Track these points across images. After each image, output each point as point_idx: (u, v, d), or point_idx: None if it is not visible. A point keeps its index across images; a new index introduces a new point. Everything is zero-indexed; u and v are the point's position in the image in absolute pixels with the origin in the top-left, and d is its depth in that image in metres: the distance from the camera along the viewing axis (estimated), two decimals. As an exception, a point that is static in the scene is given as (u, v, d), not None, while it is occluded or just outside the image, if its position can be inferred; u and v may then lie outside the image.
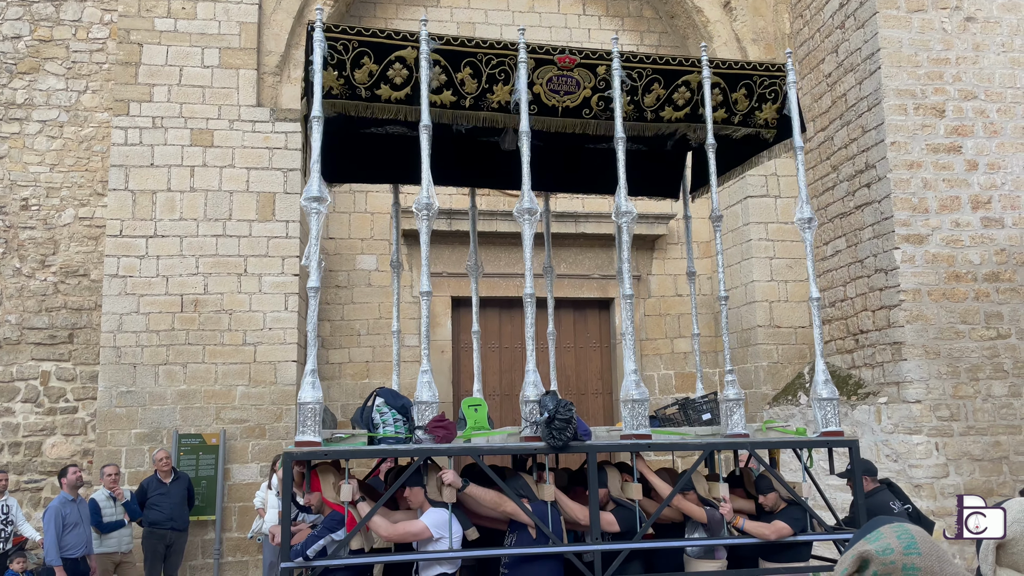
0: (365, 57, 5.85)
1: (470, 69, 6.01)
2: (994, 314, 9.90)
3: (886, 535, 1.76)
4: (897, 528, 1.77)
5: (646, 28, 13.31)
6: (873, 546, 1.75)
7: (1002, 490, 9.55)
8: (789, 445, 6.34)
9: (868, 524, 1.89)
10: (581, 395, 12.68)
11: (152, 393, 10.32)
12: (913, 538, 1.73)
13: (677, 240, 13.03)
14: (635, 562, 5.60)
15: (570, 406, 5.28)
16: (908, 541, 1.72)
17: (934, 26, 10.36)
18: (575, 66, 6.21)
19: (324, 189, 5.57)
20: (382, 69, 5.88)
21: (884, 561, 1.71)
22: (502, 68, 6.05)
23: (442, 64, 5.95)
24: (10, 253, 11.35)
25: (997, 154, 10.20)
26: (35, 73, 11.74)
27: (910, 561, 1.69)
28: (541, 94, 6.19)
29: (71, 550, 8.55)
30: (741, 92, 6.62)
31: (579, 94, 6.25)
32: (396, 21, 12.55)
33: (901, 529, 1.76)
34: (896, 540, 1.73)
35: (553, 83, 6.20)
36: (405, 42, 5.90)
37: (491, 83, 6.06)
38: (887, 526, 1.79)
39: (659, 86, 6.40)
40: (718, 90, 6.53)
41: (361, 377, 11.94)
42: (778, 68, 6.66)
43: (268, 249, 10.81)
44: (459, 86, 6.03)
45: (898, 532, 1.75)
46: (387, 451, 5.45)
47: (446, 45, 5.96)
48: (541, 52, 6.17)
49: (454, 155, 7.63)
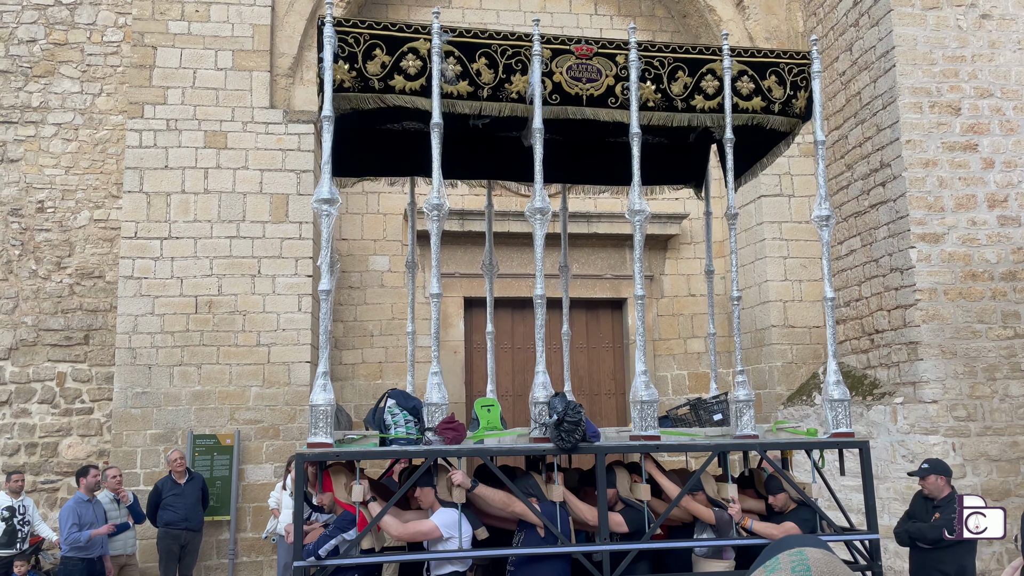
0: (377, 49, 5.76)
1: (485, 60, 5.89)
2: (1011, 313, 9.82)
3: (782, 564, 1.62)
4: (794, 556, 1.63)
5: (658, 27, 13.28)
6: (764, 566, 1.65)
7: (1019, 491, 9.47)
8: (799, 446, 6.31)
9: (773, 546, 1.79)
10: (594, 395, 12.66)
11: (167, 394, 10.38)
12: (808, 569, 1.58)
13: (690, 240, 12.99)
14: (643, 563, 5.59)
15: (579, 408, 5.28)
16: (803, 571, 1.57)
17: (949, 23, 10.28)
18: (593, 55, 6.07)
19: (335, 190, 5.57)
20: (395, 60, 5.78)
21: None
22: (518, 59, 5.92)
23: (456, 55, 5.84)
24: (26, 255, 11.44)
25: (1014, 152, 10.11)
26: (50, 76, 11.83)
27: None
28: (563, 83, 6.01)
29: (87, 551, 8.60)
30: (772, 79, 6.39)
31: (602, 82, 6.06)
32: (413, 14, 12.57)
33: (798, 558, 1.62)
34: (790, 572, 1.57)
35: (573, 71, 6.02)
36: (417, 34, 5.81)
37: (508, 73, 5.92)
38: (785, 553, 1.66)
39: (684, 74, 6.20)
40: (747, 77, 6.32)
41: (374, 378, 11.96)
42: (803, 56, 6.51)
43: (281, 250, 10.85)
44: (475, 76, 5.89)
45: (794, 562, 1.61)
46: (397, 452, 5.46)
47: (459, 37, 5.88)
48: (557, 42, 6.02)
49: (473, 148, 7.54)
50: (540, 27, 6.12)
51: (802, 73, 6.45)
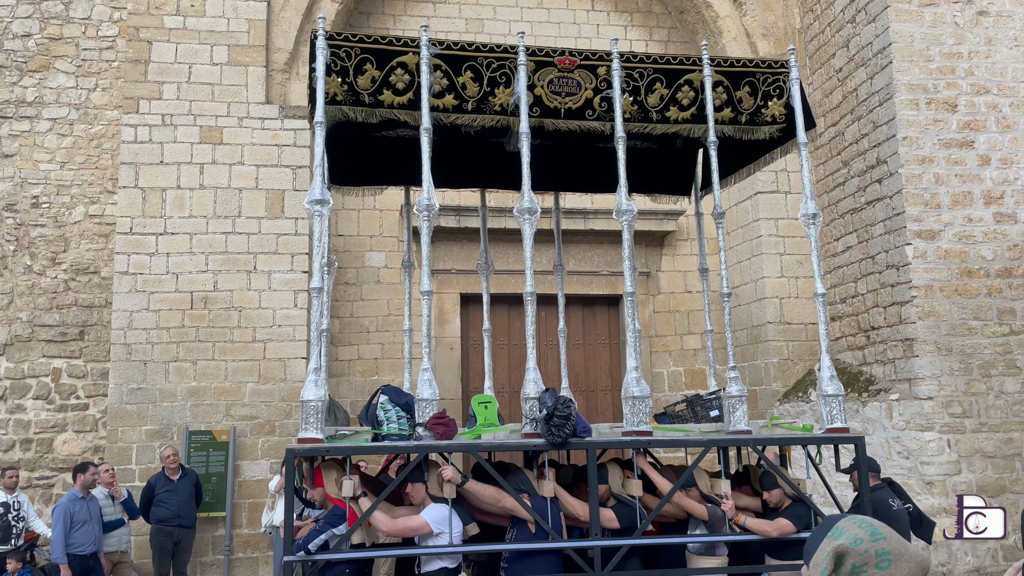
0: (367, 64, 5.98)
1: (471, 73, 6.12)
2: (1007, 310, 9.81)
3: (849, 528, 1.81)
4: (855, 520, 1.83)
5: (655, 24, 13.25)
6: (843, 540, 1.79)
7: (1015, 487, 9.47)
8: (792, 442, 6.31)
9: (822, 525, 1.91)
10: (590, 392, 12.65)
11: (162, 390, 10.36)
12: (874, 525, 1.79)
13: (687, 236, 12.97)
14: (635, 559, 5.58)
15: (569, 403, 5.29)
16: (871, 529, 1.78)
17: (946, 20, 10.26)
18: (575, 67, 6.28)
19: (327, 192, 5.70)
20: (384, 75, 6.02)
21: (859, 552, 1.75)
22: (503, 71, 6.16)
23: (443, 69, 6.08)
24: (21, 251, 11.42)
25: (1010, 149, 10.09)
26: (45, 71, 11.80)
27: (880, 547, 1.76)
28: (543, 96, 6.26)
29: (80, 547, 8.56)
30: (745, 90, 6.61)
31: (580, 95, 6.31)
32: (404, 18, 12.55)
33: (860, 520, 1.82)
34: (861, 530, 1.78)
35: (554, 85, 6.27)
36: (406, 48, 6.04)
37: (492, 86, 6.16)
38: (844, 520, 1.83)
39: (662, 86, 6.43)
40: (721, 88, 6.53)
41: (370, 374, 11.95)
42: (781, 65, 6.64)
43: (277, 246, 10.84)
44: (461, 90, 6.13)
45: (859, 523, 1.81)
46: (387, 448, 5.48)
47: (447, 50, 6.09)
48: (541, 54, 6.27)
49: (463, 157, 7.69)
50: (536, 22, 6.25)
51: (776, 82, 6.59)
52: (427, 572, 5.31)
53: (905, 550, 1.78)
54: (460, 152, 7.62)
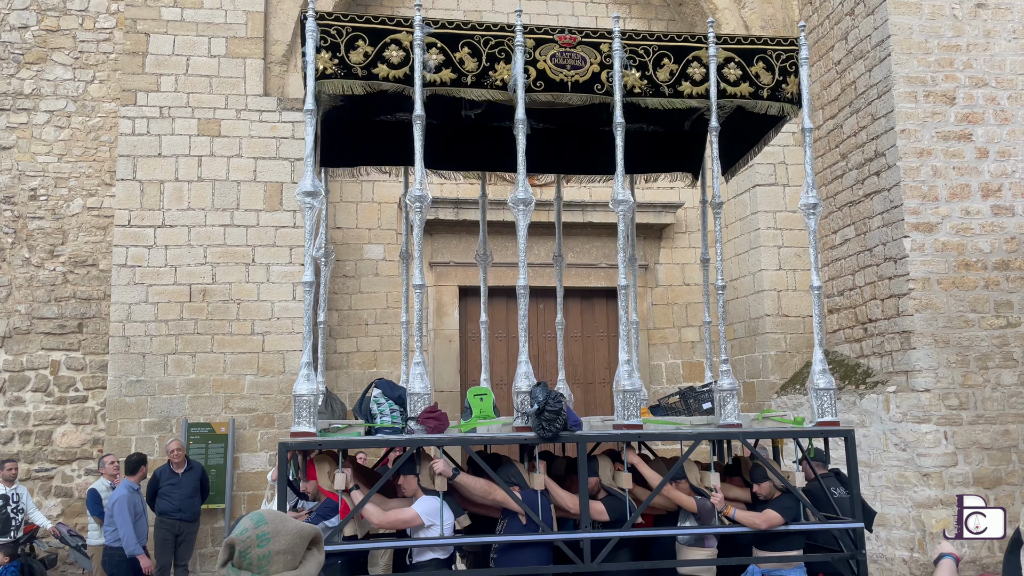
0: (360, 40, 5.82)
1: (468, 49, 5.92)
2: (1004, 302, 9.80)
3: (242, 522, 2.17)
4: (250, 515, 2.19)
5: (654, 15, 13.22)
6: (234, 533, 2.15)
7: (1011, 479, 9.48)
8: (781, 435, 6.32)
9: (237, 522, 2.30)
10: (588, 384, 12.67)
11: (161, 382, 10.39)
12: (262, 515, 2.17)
13: (685, 229, 12.97)
14: (625, 551, 5.60)
15: (560, 397, 5.30)
16: (258, 519, 2.15)
17: (945, 12, 10.22)
18: (577, 44, 6.08)
19: (318, 183, 5.64)
20: (378, 51, 5.83)
21: (243, 539, 2.12)
22: (501, 48, 5.95)
23: (439, 46, 5.88)
24: (19, 243, 11.44)
25: (1008, 141, 10.07)
26: (42, 63, 11.80)
27: (261, 531, 2.12)
28: (547, 69, 6.01)
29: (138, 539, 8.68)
30: (760, 66, 6.37)
31: (587, 68, 6.06)
32: (402, 9, 12.52)
33: (253, 514, 2.19)
34: (249, 522, 2.15)
35: (558, 58, 6.03)
36: (400, 27, 5.88)
37: (492, 61, 5.94)
38: (245, 517, 2.20)
39: (670, 61, 6.18)
40: (735, 64, 6.30)
41: (369, 366, 11.97)
42: (791, 42, 6.47)
43: (276, 239, 10.85)
44: (458, 64, 5.91)
45: (251, 517, 2.18)
46: (379, 441, 5.49)
47: (441, 29, 5.93)
48: (540, 32, 6.04)
49: (466, 140, 7.57)
50: (534, 14, 6.16)
51: (791, 59, 6.42)
52: (419, 563, 5.34)
53: (284, 527, 2.14)
54: (462, 135, 7.48)
